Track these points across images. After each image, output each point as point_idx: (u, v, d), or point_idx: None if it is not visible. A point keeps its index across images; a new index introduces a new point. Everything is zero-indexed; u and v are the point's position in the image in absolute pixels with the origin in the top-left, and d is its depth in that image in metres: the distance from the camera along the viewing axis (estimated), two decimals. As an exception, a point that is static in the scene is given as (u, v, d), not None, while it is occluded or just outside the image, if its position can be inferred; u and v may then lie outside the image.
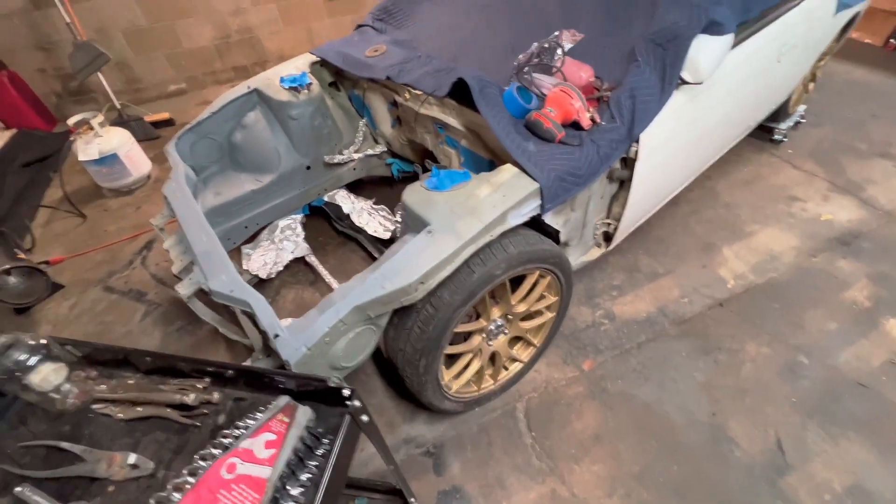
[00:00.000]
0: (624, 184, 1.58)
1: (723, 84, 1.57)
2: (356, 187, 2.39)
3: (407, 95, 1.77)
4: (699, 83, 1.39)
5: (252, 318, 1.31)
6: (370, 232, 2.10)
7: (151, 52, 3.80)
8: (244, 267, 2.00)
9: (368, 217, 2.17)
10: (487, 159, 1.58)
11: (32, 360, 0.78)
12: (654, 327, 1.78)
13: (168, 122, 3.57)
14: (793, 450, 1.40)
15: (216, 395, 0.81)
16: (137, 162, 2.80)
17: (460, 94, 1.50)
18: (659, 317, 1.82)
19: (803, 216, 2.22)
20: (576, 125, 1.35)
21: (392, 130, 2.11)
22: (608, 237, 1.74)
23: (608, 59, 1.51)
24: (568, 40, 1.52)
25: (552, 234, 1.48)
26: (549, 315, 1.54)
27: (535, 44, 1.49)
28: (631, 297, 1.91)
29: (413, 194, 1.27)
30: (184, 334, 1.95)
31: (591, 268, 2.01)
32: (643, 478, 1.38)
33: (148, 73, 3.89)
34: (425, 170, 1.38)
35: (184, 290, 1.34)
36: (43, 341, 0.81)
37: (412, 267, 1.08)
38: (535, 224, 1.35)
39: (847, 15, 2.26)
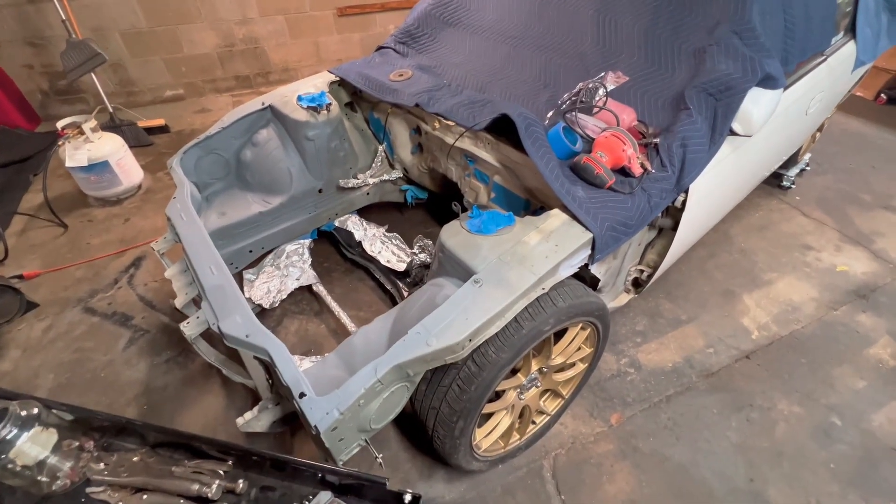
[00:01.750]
0: (662, 231, 1.52)
1: (762, 135, 1.54)
2: (365, 212, 2.27)
3: (437, 125, 1.69)
4: (749, 136, 1.35)
5: (265, 364, 1.18)
6: (383, 262, 1.98)
7: (149, 56, 3.64)
8: (246, 295, 1.85)
9: (381, 245, 2.06)
10: (523, 198, 1.50)
11: (22, 437, 0.63)
12: (682, 379, 1.71)
13: (163, 129, 3.40)
14: (837, 523, 1.33)
15: (241, 485, 0.67)
16: (129, 171, 2.62)
17: (496, 127, 1.43)
18: (686, 368, 1.75)
19: (819, 266, 2.22)
20: (623, 171, 1.29)
21: (412, 157, 2.03)
22: (637, 283, 1.68)
23: (649, 103, 1.46)
24: (612, 81, 1.47)
25: (588, 282, 1.40)
26: (581, 367, 1.45)
27: (581, 83, 1.44)
28: (655, 344, 1.84)
29: (454, 236, 1.17)
30: (173, 366, 1.77)
31: (614, 312, 1.93)
32: (682, 552, 1.27)
33: (144, 77, 3.73)
34: (463, 209, 1.28)
35: (189, 330, 1.19)
36: (35, 411, 0.66)
37: (460, 322, 0.98)
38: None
39: (861, 71, 2.31)
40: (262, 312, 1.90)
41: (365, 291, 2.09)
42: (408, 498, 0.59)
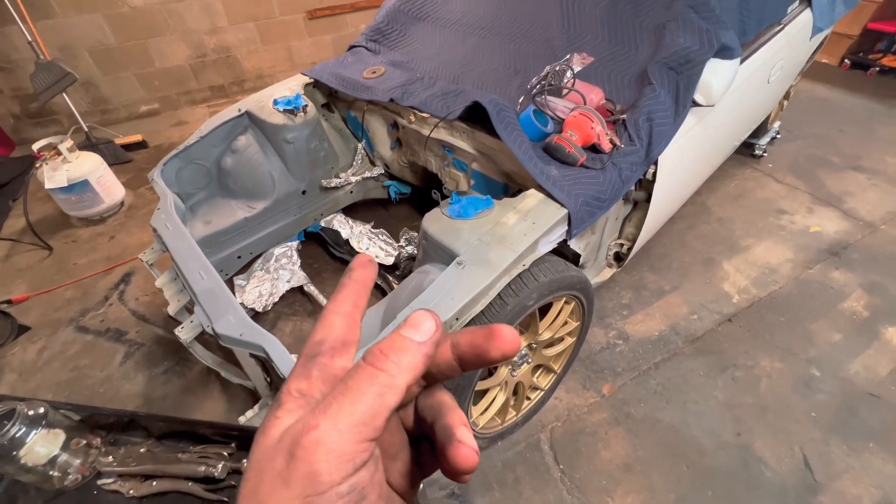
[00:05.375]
0: (637, 204, 1.57)
1: (725, 105, 1.60)
2: (350, 210, 2.30)
3: (412, 118, 1.72)
4: (711, 105, 1.40)
5: (261, 361, 1.21)
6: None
7: (121, 72, 3.61)
8: (239, 300, 1.86)
9: (368, 242, 2.09)
10: (501, 183, 1.54)
11: (31, 435, 0.66)
12: (669, 346, 1.77)
13: (141, 145, 3.38)
14: (820, 467, 1.40)
15: (245, 464, 0.70)
16: (110, 188, 2.61)
17: (470, 116, 1.47)
18: (671, 335, 1.81)
19: (793, 229, 2.30)
20: (594, 148, 1.34)
21: (391, 152, 2.06)
22: (619, 257, 1.73)
23: (616, 82, 1.51)
24: (578, 63, 1.51)
25: (570, 258, 1.45)
26: (570, 341, 1.50)
27: (548, 67, 1.48)
28: (641, 315, 1.90)
29: (435, 223, 1.21)
30: (171, 376, 1.79)
31: (600, 287, 1.99)
32: (678, 507, 1.34)
33: (117, 94, 3.69)
34: (443, 196, 1.32)
35: (185, 334, 1.21)
36: (41, 410, 0.69)
37: (446, 303, 1.02)
38: (554, 249, 1.31)
39: (819, 38, 2.39)
40: (255, 316, 1.92)
41: (356, 288, 2.12)
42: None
